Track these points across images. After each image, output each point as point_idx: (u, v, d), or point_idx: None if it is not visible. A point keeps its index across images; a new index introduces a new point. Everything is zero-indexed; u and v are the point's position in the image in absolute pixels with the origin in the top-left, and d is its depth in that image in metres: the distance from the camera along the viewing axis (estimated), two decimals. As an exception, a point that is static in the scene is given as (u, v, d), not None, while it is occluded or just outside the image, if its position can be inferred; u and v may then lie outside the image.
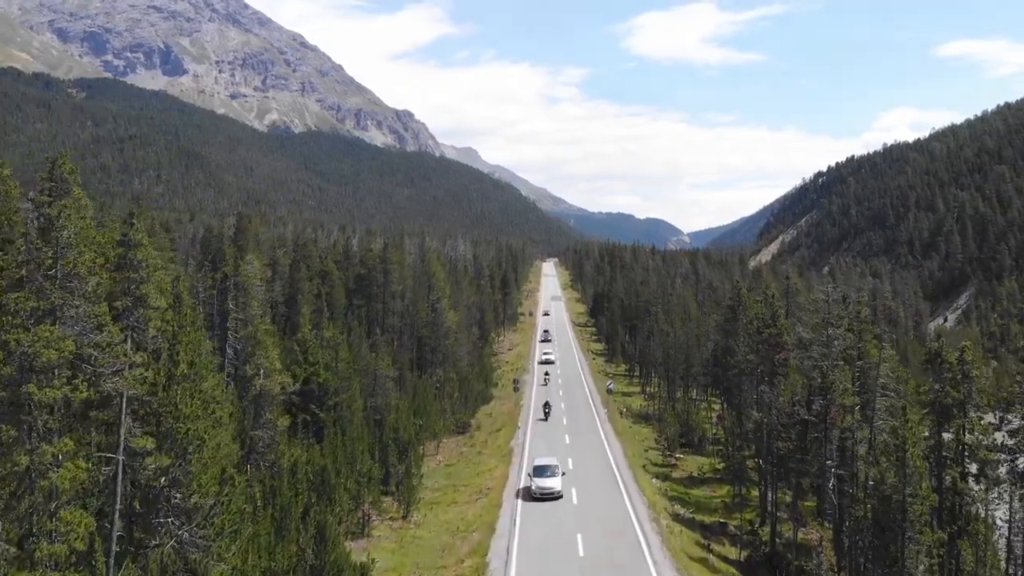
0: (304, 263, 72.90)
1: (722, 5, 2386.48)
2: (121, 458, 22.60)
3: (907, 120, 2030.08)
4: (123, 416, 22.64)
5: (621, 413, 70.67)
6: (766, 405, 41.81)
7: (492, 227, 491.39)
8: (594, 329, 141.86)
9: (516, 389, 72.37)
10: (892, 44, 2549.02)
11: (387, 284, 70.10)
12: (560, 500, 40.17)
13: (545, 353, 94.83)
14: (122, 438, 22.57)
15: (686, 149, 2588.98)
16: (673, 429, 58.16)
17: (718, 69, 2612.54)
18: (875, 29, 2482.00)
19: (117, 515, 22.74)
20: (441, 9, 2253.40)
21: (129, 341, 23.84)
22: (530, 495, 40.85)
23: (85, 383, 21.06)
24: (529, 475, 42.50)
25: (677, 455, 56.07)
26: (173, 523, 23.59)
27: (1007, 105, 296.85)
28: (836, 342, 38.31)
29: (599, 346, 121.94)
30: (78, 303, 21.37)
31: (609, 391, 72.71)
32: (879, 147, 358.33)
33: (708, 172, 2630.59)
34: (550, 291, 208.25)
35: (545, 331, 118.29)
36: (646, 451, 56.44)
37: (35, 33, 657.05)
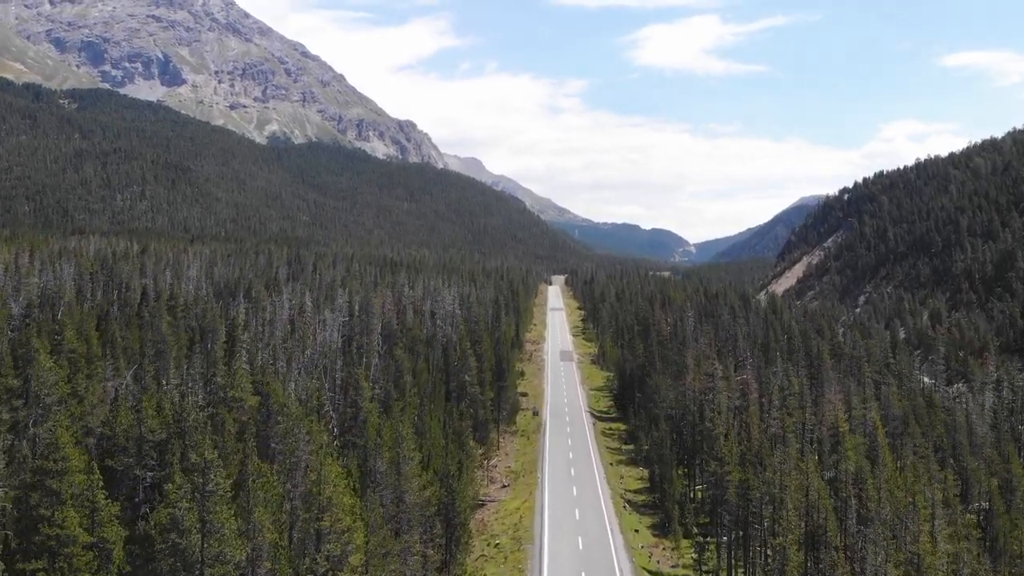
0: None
1: (725, 17, 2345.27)
2: None
3: (908, 131, 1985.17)
4: None
5: None
6: None
7: (494, 242, 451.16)
8: (621, 425, 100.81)
9: None
10: (894, 55, 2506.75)
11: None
12: None
13: None
14: None
15: (688, 159, 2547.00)
16: None
17: (720, 80, 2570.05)
18: (877, 40, 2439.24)
19: None
20: (445, 21, 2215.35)
21: None
22: None
23: None
24: None
25: None
26: None
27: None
28: None
29: (634, 475, 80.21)
30: None
31: None
32: (909, 162, 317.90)
33: (710, 182, 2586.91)
34: (559, 342, 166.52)
35: None
36: None
37: (31, 43, 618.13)
